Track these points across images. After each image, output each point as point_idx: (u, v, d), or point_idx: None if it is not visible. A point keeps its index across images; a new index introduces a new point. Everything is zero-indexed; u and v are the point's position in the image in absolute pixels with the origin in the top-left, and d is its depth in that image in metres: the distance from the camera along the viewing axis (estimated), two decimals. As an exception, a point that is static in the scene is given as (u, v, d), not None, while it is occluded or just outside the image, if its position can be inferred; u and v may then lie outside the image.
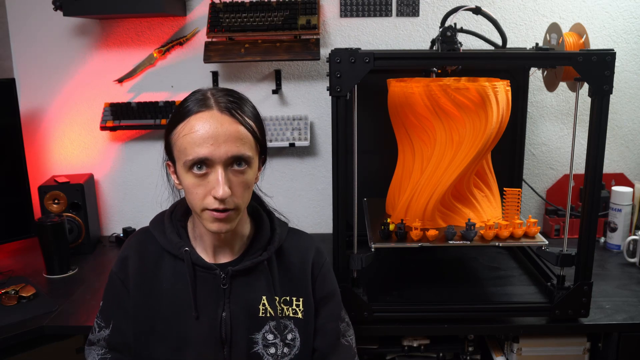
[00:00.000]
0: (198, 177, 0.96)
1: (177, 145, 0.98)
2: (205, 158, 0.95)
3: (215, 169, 0.96)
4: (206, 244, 1.08)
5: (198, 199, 0.97)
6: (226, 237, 1.06)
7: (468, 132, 1.33)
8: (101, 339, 1.09)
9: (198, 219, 1.02)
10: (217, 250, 1.08)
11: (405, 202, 1.42)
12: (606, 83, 1.22)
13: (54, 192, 1.80)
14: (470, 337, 1.50)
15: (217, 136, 0.95)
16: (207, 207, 0.97)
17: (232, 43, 1.82)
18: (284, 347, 1.05)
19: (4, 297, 1.45)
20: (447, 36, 1.32)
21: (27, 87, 1.95)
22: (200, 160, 0.95)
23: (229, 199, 0.96)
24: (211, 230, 1.00)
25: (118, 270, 1.08)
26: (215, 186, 0.95)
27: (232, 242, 1.08)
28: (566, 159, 1.99)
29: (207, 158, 0.95)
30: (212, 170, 0.96)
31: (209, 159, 0.95)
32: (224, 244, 1.08)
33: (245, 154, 0.97)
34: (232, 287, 1.05)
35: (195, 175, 0.96)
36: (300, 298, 1.09)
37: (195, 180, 0.96)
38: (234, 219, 1.00)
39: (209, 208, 0.97)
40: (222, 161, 0.95)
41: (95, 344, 1.11)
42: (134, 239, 1.11)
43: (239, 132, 0.97)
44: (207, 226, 0.99)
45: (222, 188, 0.94)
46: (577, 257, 1.32)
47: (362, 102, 1.35)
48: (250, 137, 0.99)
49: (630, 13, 1.89)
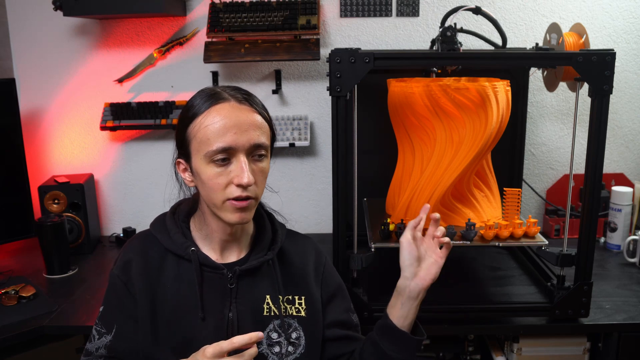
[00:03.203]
0: (220, 167, 0.97)
1: (197, 138, 0.99)
2: (229, 147, 0.96)
3: (238, 157, 0.97)
4: (215, 243, 1.07)
5: (219, 190, 0.98)
6: (236, 233, 1.07)
7: (468, 132, 1.33)
8: (101, 346, 1.05)
9: (216, 212, 1.01)
10: (225, 248, 1.08)
11: (405, 202, 1.42)
12: (606, 83, 1.22)
13: (54, 192, 1.81)
14: (470, 337, 1.50)
15: (240, 125, 0.97)
16: (229, 196, 0.98)
17: (232, 43, 1.82)
18: (288, 346, 1.05)
19: (4, 297, 1.45)
20: (447, 36, 1.32)
21: (27, 87, 1.95)
22: (225, 149, 0.96)
23: (251, 186, 0.98)
24: (232, 222, 1.01)
25: (121, 274, 1.05)
26: (239, 174, 0.97)
27: (240, 238, 1.09)
28: (566, 159, 1.99)
29: (230, 147, 0.96)
30: (234, 159, 0.98)
31: (232, 148, 0.96)
32: (234, 240, 1.08)
33: (264, 143, 1.00)
34: (238, 287, 1.05)
35: (217, 165, 0.97)
36: (303, 296, 1.09)
37: (217, 170, 0.98)
38: (252, 208, 1.02)
39: (231, 197, 0.98)
40: (245, 149, 0.97)
41: (92, 354, 1.06)
42: (136, 242, 1.10)
43: (258, 120, 1.00)
44: (228, 218, 1.00)
45: (247, 175, 0.96)
46: (577, 257, 1.32)
47: (362, 102, 1.35)
48: (267, 126, 1.03)
49: (630, 13, 1.89)
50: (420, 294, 1.08)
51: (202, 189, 1.02)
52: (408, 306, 1.07)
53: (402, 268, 1.09)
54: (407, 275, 1.08)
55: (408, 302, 1.07)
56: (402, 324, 1.07)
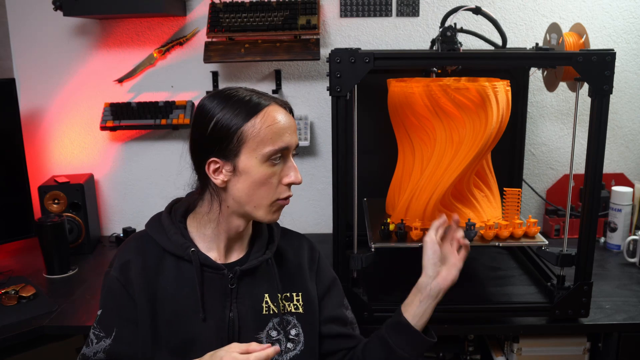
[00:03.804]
0: (274, 167, 1.00)
1: (257, 137, 0.98)
2: (287, 147, 1.01)
3: (288, 157, 1.03)
4: (220, 242, 1.07)
5: (271, 190, 1.01)
6: (241, 233, 1.08)
7: (468, 132, 1.33)
8: (99, 350, 1.03)
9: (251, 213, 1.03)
10: (229, 248, 1.08)
11: (405, 202, 1.42)
12: (606, 83, 1.22)
13: (54, 192, 1.80)
14: (470, 337, 1.50)
15: (292, 126, 1.03)
16: (280, 196, 1.02)
17: (232, 43, 1.82)
18: (287, 343, 1.06)
19: (4, 297, 1.45)
20: (447, 36, 1.32)
21: (27, 87, 1.95)
22: (284, 148, 1.00)
23: None
24: (268, 220, 1.04)
25: (119, 276, 1.03)
26: (291, 173, 1.02)
27: (244, 238, 1.10)
28: (566, 159, 1.99)
29: (287, 147, 1.01)
30: (284, 159, 1.02)
31: (288, 148, 1.01)
32: (239, 239, 1.09)
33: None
34: (238, 287, 1.05)
35: (272, 165, 1.00)
36: (300, 292, 1.10)
37: (272, 170, 1.00)
38: None
39: (282, 197, 1.03)
40: (292, 150, 1.03)
41: (90, 359, 1.03)
42: (132, 243, 1.08)
43: (295, 123, 1.06)
44: (267, 217, 1.04)
45: (299, 176, 1.03)
46: (577, 257, 1.32)
47: (362, 102, 1.35)
48: None
49: (630, 13, 1.89)
50: (440, 294, 1.09)
51: (246, 189, 1.00)
52: (426, 305, 1.08)
53: (425, 266, 1.10)
54: (430, 273, 1.09)
55: (427, 301, 1.08)
56: (416, 322, 1.08)
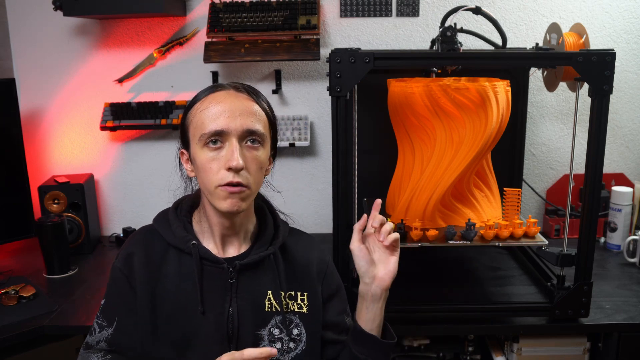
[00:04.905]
0: (213, 151, 0.99)
1: (193, 123, 1.01)
2: (222, 130, 0.97)
3: (231, 141, 0.98)
4: (215, 236, 1.07)
5: (212, 175, 0.98)
6: (235, 225, 1.06)
7: (468, 132, 1.33)
8: (101, 339, 1.06)
9: (210, 201, 1.01)
10: (225, 242, 1.08)
11: (405, 202, 1.42)
12: (606, 83, 1.22)
13: (54, 192, 1.81)
14: (470, 337, 1.50)
15: (233, 109, 0.99)
16: (221, 182, 0.98)
17: (232, 43, 1.82)
18: (289, 342, 1.05)
19: (4, 297, 1.45)
20: (447, 36, 1.32)
21: (27, 87, 1.95)
22: (217, 132, 0.98)
23: (243, 173, 0.98)
24: (224, 209, 1.00)
25: (122, 267, 1.05)
26: (230, 157, 0.97)
27: (240, 231, 1.08)
28: (566, 159, 1.99)
29: (223, 130, 0.98)
30: (227, 143, 0.99)
31: (224, 132, 0.98)
32: (233, 234, 1.07)
33: (259, 130, 1.00)
34: (239, 282, 1.04)
35: (210, 149, 0.99)
36: (305, 293, 1.09)
37: (210, 154, 0.99)
38: (246, 199, 1.01)
39: (223, 183, 0.98)
40: (238, 134, 0.98)
41: (93, 347, 1.06)
42: (138, 236, 1.10)
43: (254, 108, 1.02)
44: (220, 205, 0.99)
45: (237, 157, 0.97)
46: (577, 257, 1.32)
47: (362, 102, 1.35)
48: (264, 117, 1.03)
49: (630, 13, 1.89)
50: (383, 294, 1.09)
51: (198, 177, 1.03)
52: (373, 309, 1.09)
53: (360, 275, 1.10)
54: (367, 280, 1.09)
55: (372, 305, 1.08)
56: (370, 327, 1.08)
